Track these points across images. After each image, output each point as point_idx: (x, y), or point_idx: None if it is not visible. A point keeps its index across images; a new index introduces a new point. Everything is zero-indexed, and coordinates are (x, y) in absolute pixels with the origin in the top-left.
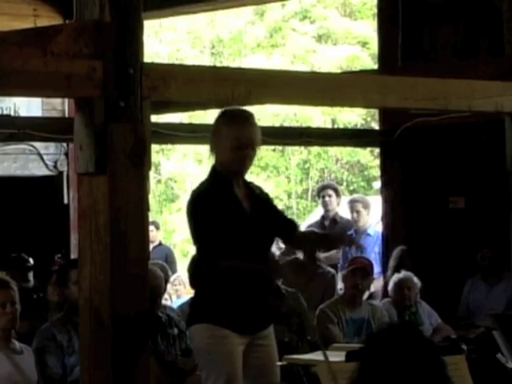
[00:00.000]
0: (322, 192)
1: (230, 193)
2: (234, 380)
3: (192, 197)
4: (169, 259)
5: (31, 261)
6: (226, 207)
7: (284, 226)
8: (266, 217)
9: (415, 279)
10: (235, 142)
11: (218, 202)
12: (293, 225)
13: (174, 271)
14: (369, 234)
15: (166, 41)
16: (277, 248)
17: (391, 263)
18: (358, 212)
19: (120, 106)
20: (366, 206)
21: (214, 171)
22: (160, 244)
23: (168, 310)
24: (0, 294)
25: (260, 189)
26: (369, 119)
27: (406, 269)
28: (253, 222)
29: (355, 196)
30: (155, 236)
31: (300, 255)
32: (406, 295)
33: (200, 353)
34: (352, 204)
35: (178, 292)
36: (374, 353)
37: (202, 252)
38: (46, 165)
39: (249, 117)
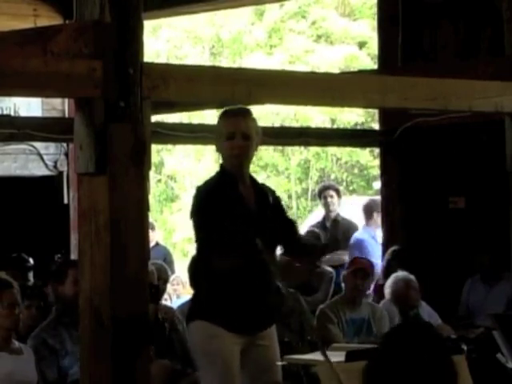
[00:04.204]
0: (323, 193)
1: (234, 190)
2: (229, 379)
3: (196, 193)
4: (167, 259)
5: (31, 261)
6: (229, 204)
7: (286, 236)
8: (270, 218)
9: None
10: (225, 131)
11: (221, 199)
12: (294, 238)
13: (172, 271)
14: None
15: (164, 38)
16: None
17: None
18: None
19: (120, 106)
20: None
21: (220, 169)
22: (157, 244)
23: (164, 308)
24: (7, 295)
25: (272, 191)
26: (369, 119)
27: (394, 271)
28: (256, 220)
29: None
30: (152, 236)
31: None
32: (407, 295)
33: (196, 350)
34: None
35: (177, 292)
36: (389, 351)
37: (202, 249)
38: (46, 165)
39: (242, 111)
